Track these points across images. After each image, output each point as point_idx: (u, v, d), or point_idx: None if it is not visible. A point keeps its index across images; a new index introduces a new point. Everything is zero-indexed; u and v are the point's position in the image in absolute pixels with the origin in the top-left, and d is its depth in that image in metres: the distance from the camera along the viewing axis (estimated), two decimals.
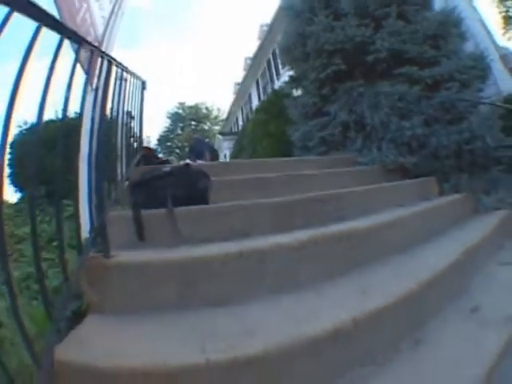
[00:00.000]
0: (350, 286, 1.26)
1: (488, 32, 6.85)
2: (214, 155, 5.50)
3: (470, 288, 1.50)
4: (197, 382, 0.81)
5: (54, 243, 1.26)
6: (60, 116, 0.98)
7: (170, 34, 56.63)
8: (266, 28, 12.22)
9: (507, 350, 1.11)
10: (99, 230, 1.06)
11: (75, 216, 0.93)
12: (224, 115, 24.51)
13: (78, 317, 0.96)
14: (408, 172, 2.74)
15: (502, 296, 1.44)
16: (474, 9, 7.41)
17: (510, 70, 5.75)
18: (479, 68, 3.16)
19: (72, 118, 1.19)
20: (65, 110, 0.92)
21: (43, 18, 0.83)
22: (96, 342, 0.89)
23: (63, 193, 0.97)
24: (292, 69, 4.06)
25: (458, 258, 1.51)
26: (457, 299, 1.40)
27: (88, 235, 1.03)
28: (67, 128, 1.01)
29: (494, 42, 7.08)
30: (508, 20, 10.30)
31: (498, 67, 5.01)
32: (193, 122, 27.96)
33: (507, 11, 10.26)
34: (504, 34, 10.34)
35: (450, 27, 3.34)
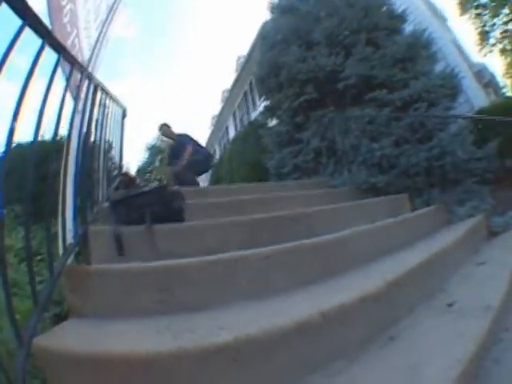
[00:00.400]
0: (319, 289, 1.42)
1: (461, 50, 7.31)
2: (205, 157, 4.76)
3: (445, 288, 1.64)
4: (170, 367, 0.94)
5: (38, 257, 1.41)
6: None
7: (150, 68, 59.36)
8: (242, 60, 12.76)
9: (492, 334, 1.21)
10: (82, 240, 1.23)
11: (61, 221, 1.10)
12: None
13: (59, 319, 1.09)
14: (380, 191, 2.91)
15: (479, 290, 1.56)
16: (448, 28, 8.03)
17: (485, 85, 6.20)
18: (448, 86, 3.39)
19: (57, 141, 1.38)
20: (56, 132, 1.12)
21: (46, 36, 1.01)
22: (76, 335, 1.03)
23: (50, 209, 1.14)
24: (267, 99, 4.33)
25: (427, 260, 1.67)
26: (432, 298, 1.53)
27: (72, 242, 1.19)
28: (56, 149, 1.20)
29: (467, 59, 7.63)
30: (484, 35, 11.02)
31: (470, 85, 5.25)
32: None
33: (484, 26, 10.96)
34: (480, 50, 11.07)
35: (420, 49, 3.59)
